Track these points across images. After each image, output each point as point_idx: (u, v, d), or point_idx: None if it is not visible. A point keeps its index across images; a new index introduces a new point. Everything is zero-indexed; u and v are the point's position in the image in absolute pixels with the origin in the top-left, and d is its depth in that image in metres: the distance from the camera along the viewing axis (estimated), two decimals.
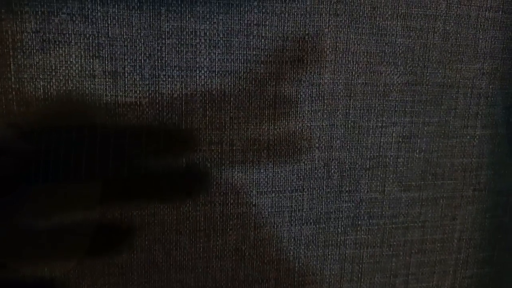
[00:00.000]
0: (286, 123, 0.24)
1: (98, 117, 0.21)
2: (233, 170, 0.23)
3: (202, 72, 0.22)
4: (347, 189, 0.26)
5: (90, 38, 0.20)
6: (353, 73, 0.24)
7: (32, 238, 0.21)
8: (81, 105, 0.21)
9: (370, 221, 0.26)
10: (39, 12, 0.20)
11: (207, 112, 0.22)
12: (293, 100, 0.23)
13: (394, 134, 0.26)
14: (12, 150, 0.20)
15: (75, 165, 0.21)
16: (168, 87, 0.22)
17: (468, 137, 0.27)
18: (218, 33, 0.22)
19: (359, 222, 0.26)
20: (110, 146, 0.21)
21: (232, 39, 0.22)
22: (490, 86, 0.27)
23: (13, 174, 0.20)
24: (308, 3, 0.23)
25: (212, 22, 0.22)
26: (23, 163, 0.20)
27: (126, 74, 0.21)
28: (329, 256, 0.26)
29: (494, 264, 0.30)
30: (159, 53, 0.21)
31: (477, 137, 0.27)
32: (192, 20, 0.21)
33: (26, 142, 0.20)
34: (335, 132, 0.25)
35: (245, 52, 0.22)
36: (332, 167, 0.25)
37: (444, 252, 0.28)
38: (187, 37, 0.22)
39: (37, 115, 0.20)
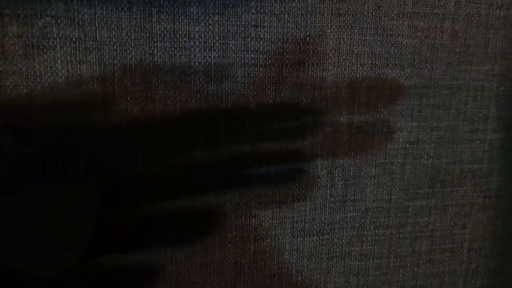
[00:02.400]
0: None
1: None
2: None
3: (197, 77, 0.21)
4: (351, 198, 0.25)
5: (77, 42, 0.20)
6: (357, 76, 0.24)
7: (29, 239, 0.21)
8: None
9: (376, 231, 0.26)
10: (21, 15, 0.19)
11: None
12: (294, 105, 0.23)
13: (400, 139, 0.25)
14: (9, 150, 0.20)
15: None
16: (161, 93, 0.21)
17: (478, 141, 0.26)
18: (213, 35, 0.21)
19: (365, 233, 0.26)
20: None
21: (228, 42, 0.22)
22: (501, 88, 0.26)
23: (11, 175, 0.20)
24: (309, 2, 0.22)
25: (207, 24, 0.21)
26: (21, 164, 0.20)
27: (116, 80, 0.20)
28: (333, 269, 0.26)
29: (506, 274, 0.29)
30: (150, 57, 0.21)
31: (488, 141, 0.27)
32: (185, 21, 0.21)
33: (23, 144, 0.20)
34: (338, 138, 0.24)
35: (242, 55, 0.22)
36: (336, 175, 0.24)
37: (454, 262, 0.28)
38: (181, 40, 0.21)
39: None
